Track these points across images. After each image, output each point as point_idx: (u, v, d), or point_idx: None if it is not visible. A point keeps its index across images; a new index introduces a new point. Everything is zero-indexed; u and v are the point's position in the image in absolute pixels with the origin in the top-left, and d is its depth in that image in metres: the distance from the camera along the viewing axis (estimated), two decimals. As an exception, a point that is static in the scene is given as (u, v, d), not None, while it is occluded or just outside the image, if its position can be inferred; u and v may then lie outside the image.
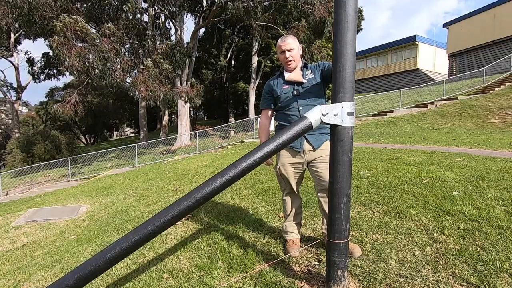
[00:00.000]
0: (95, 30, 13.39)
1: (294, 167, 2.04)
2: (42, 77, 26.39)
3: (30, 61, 26.08)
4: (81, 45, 10.98)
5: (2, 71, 28.55)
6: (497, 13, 18.07)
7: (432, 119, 11.36)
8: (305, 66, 2.05)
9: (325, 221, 2.05)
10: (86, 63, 11.15)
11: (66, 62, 10.82)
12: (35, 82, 26.36)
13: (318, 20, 13.62)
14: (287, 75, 2.04)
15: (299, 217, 2.19)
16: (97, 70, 11.42)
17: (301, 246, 2.13)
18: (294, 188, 2.09)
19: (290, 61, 1.99)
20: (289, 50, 1.98)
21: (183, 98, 14.61)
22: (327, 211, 1.96)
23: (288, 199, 2.15)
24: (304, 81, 1.99)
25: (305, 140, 1.96)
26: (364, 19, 26.45)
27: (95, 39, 11.09)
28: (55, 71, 26.05)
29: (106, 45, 11.33)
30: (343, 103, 1.40)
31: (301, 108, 1.95)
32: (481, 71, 15.31)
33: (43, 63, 25.63)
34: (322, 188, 1.94)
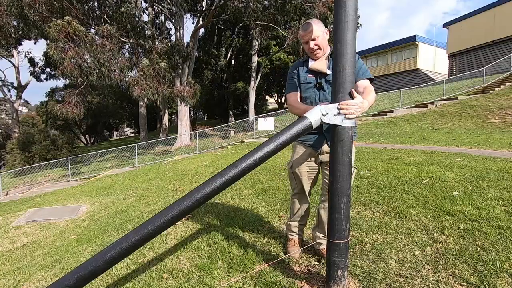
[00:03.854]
0: (94, 30, 13.40)
1: (309, 167, 1.90)
2: (43, 76, 26.42)
3: (31, 61, 26.08)
4: (77, 48, 10.92)
5: (2, 71, 28.52)
6: (497, 13, 18.07)
7: (432, 119, 11.36)
8: (331, 55, 1.76)
9: (319, 227, 1.96)
10: (83, 65, 11.12)
11: (61, 67, 10.81)
12: (37, 81, 26.38)
13: (319, 16, 13.63)
14: (311, 63, 1.82)
15: (305, 219, 2.10)
16: (94, 73, 11.38)
17: (301, 247, 2.12)
18: (305, 188, 1.94)
19: (316, 50, 1.77)
20: (313, 39, 1.75)
21: (178, 99, 14.60)
22: (322, 215, 1.88)
23: (296, 200, 2.01)
24: (329, 72, 1.76)
25: (324, 140, 1.80)
26: (359, 16, 26.37)
27: (93, 41, 11.07)
28: (55, 71, 26.06)
29: (105, 46, 11.33)
30: (343, 103, 1.40)
31: (321, 102, 1.77)
32: (481, 71, 15.31)
33: (44, 63, 25.63)
34: (325, 193, 1.82)
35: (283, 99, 31.47)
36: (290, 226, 2.11)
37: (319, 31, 1.75)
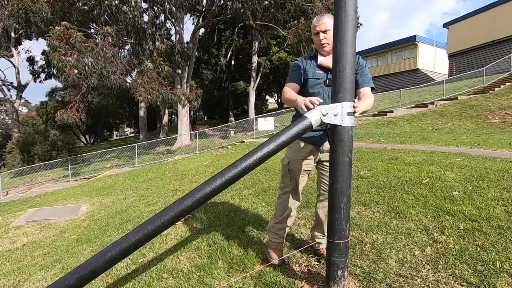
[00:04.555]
0: (94, 30, 13.41)
1: (306, 164, 1.85)
2: (42, 76, 26.33)
3: (31, 60, 25.99)
4: (78, 53, 10.99)
5: (2, 71, 28.51)
6: (497, 13, 18.07)
7: (432, 119, 11.36)
8: None
9: (318, 227, 1.96)
10: (85, 70, 11.19)
11: (64, 75, 10.93)
12: (35, 81, 26.33)
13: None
14: (321, 59, 1.80)
15: (292, 220, 2.01)
16: (95, 75, 11.41)
17: (300, 247, 2.12)
18: (299, 187, 1.90)
19: (324, 44, 1.76)
20: (324, 32, 1.75)
21: (181, 102, 14.64)
22: (320, 215, 1.88)
23: (287, 198, 1.92)
24: None
25: (327, 139, 1.78)
26: (359, 16, 26.34)
27: (92, 47, 11.12)
28: (55, 71, 25.97)
29: (105, 48, 11.37)
30: (343, 103, 1.40)
31: (330, 101, 1.69)
32: (481, 71, 15.31)
33: (43, 62, 25.57)
34: (323, 193, 1.82)
35: (283, 99, 31.41)
36: (275, 228, 1.98)
37: (331, 25, 1.71)
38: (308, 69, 1.81)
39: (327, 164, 1.78)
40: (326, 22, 1.75)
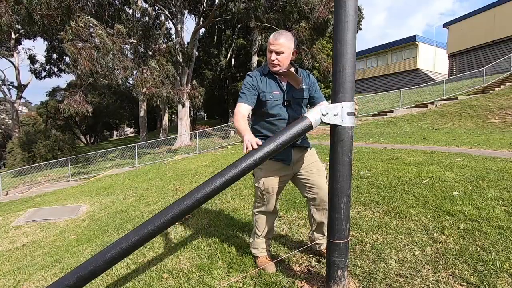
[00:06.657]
0: (92, 29, 13.43)
1: (280, 182, 1.85)
2: (43, 74, 26.23)
3: (32, 58, 25.93)
4: (92, 51, 11.10)
5: (2, 71, 28.53)
6: (497, 13, 18.07)
7: (432, 119, 11.36)
8: (296, 72, 1.79)
9: (313, 227, 1.96)
10: (99, 63, 11.29)
11: (78, 67, 11.02)
12: (37, 78, 26.22)
13: (320, 20, 13.64)
14: (284, 74, 1.78)
15: (273, 232, 2.04)
16: (104, 68, 11.51)
17: (297, 248, 2.12)
18: (276, 203, 1.91)
19: (275, 64, 1.73)
20: (277, 53, 1.70)
21: (182, 102, 14.69)
22: (317, 219, 1.87)
23: (264, 217, 1.93)
24: (303, 87, 1.79)
25: (292, 150, 1.79)
26: (364, 18, 26.40)
27: (106, 41, 11.19)
28: (55, 69, 25.93)
29: (114, 45, 11.43)
30: (343, 103, 1.40)
31: (291, 120, 1.72)
32: (481, 71, 15.31)
33: (44, 61, 25.48)
34: (314, 197, 1.82)
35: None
36: (259, 244, 1.98)
37: (286, 48, 1.70)
38: (265, 90, 1.76)
39: (305, 169, 1.84)
40: (282, 43, 1.68)
